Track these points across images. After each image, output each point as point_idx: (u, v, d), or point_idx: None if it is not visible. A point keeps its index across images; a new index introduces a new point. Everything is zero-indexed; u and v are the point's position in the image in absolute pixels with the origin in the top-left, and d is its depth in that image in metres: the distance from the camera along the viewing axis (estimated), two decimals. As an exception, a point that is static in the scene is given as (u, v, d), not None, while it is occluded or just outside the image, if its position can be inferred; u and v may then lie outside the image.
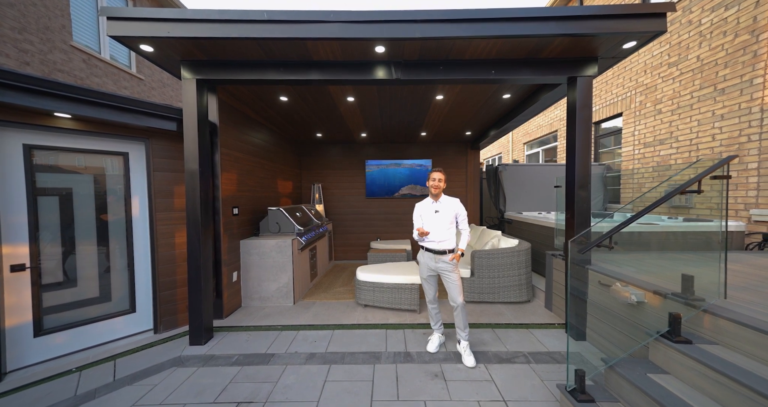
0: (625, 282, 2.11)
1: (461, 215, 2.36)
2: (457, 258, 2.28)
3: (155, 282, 2.73)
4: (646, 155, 4.86)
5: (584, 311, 2.50)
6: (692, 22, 4.12)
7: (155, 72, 6.31)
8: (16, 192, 2.12)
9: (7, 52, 3.77)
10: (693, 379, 1.46)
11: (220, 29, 2.16)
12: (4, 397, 1.87)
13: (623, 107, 5.31)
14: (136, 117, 2.44)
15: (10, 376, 2.06)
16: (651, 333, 1.70)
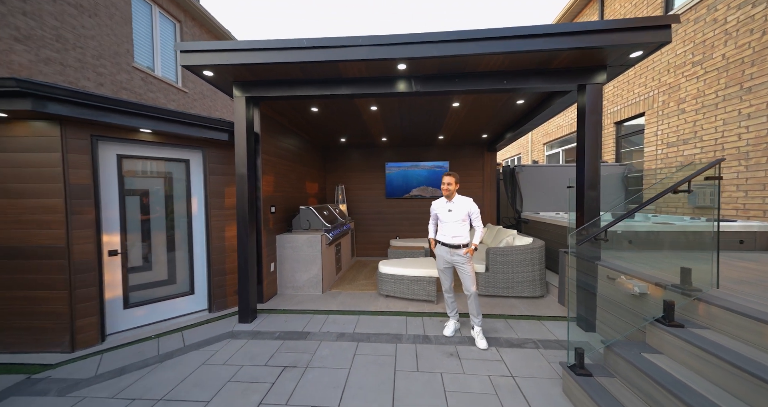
0: (630, 276, 2.28)
1: (474, 213, 2.59)
2: (471, 252, 2.54)
3: (209, 269, 3.22)
4: (669, 155, 4.80)
5: (593, 304, 2.66)
6: (717, 20, 4.08)
7: (197, 85, 7.04)
8: (111, 192, 2.66)
9: (88, 76, 4.50)
10: (683, 358, 1.64)
11: (267, 56, 2.58)
12: (110, 352, 2.39)
13: (645, 107, 5.25)
14: (198, 130, 2.94)
15: (110, 338, 2.59)
16: (647, 319, 1.88)
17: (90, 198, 2.49)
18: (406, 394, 1.91)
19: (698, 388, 1.44)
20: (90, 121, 2.41)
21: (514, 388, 1.96)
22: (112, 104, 2.40)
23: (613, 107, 6.11)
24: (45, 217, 2.36)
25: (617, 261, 2.64)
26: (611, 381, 1.76)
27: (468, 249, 2.54)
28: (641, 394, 1.60)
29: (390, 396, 1.89)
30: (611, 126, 6.18)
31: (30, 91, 2.06)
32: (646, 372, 1.59)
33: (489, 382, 2.02)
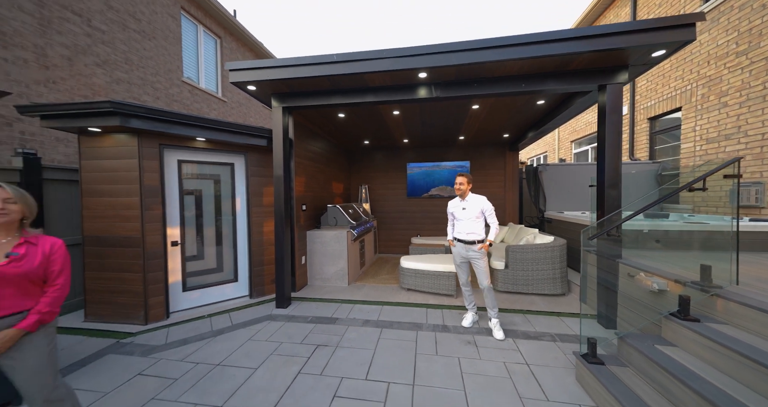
0: (650, 273, 2.30)
1: (487, 210, 2.73)
2: (485, 247, 2.67)
3: (250, 260, 3.63)
4: (708, 152, 4.53)
5: (614, 301, 2.68)
6: (766, 5, 3.82)
7: (234, 95, 7.71)
8: (173, 192, 3.14)
9: (147, 92, 5.19)
10: (698, 351, 1.69)
11: (301, 71, 2.91)
12: (174, 326, 2.86)
13: (682, 101, 4.98)
14: (242, 137, 3.35)
15: (173, 315, 3.07)
16: (662, 313, 1.93)
17: (158, 197, 2.98)
18: (426, 373, 2.12)
19: (711, 379, 1.50)
20: (159, 132, 2.88)
21: (528, 374, 2.09)
22: (176, 118, 2.85)
23: (646, 102, 5.83)
24: (126, 213, 2.86)
25: (640, 259, 2.64)
26: (623, 370, 1.84)
27: (482, 245, 2.67)
28: (653, 383, 1.68)
29: (411, 374, 2.11)
30: (644, 122, 5.89)
31: (119, 111, 2.55)
32: (657, 362, 1.66)
33: (504, 368, 2.17)
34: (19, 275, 1.26)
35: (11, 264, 1.25)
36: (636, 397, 1.62)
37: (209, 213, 3.45)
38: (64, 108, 2.55)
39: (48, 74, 3.80)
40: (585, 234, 2.49)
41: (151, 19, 5.32)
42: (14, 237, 1.32)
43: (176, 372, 2.18)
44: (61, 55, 3.95)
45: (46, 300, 1.31)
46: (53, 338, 1.38)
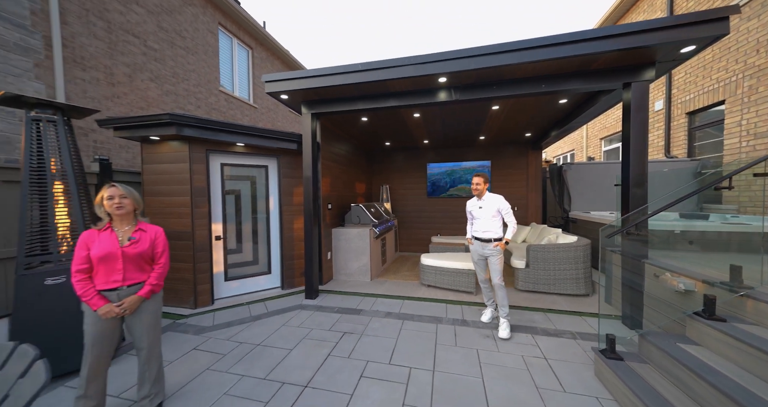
0: (678, 274, 2.27)
1: (504, 209, 2.77)
2: (501, 246, 2.71)
3: (282, 255, 3.96)
4: (756, 147, 4.21)
5: (640, 301, 2.64)
6: (823, -12, 3.51)
7: (264, 101, 8.23)
8: (216, 192, 3.53)
9: (191, 102, 5.75)
10: (723, 350, 1.68)
11: (329, 80, 3.15)
12: (218, 311, 3.23)
13: (726, 93, 4.65)
14: (275, 142, 3.67)
15: (217, 301, 3.46)
16: (686, 312, 1.92)
17: (205, 196, 3.37)
18: (445, 361, 2.26)
19: (736, 377, 1.51)
20: (206, 139, 3.26)
21: (546, 367, 2.16)
22: (221, 126, 3.22)
23: (684, 96, 5.48)
24: (179, 210, 3.27)
25: (669, 260, 2.58)
26: (643, 366, 1.87)
27: (498, 243, 2.72)
28: (672, 378, 1.71)
29: (431, 361, 2.27)
30: (682, 117, 5.55)
31: (175, 121, 2.94)
32: (676, 358, 1.69)
33: (522, 361, 2.25)
34: (136, 254, 1.65)
35: (131, 246, 1.64)
36: (653, 391, 1.65)
37: (246, 211, 3.81)
38: (133, 120, 2.99)
39: (114, 90, 4.39)
40: (603, 232, 2.50)
41: (194, 35, 5.89)
42: (131, 225, 1.71)
43: (224, 348, 2.50)
44: (124, 73, 4.53)
45: (154, 275, 1.71)
46: (160, 304, 1.78)
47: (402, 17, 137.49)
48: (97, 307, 1.54)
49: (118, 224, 1.67)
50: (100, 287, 1.58)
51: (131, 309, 1.61)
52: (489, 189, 2.93)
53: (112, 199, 1.61)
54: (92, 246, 1.57)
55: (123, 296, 1.61)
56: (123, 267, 1.62)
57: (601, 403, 1.79)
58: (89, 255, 1.56)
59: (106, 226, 1.64)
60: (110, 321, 1.59)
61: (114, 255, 1.59)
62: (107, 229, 1.64)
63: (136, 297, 1.63)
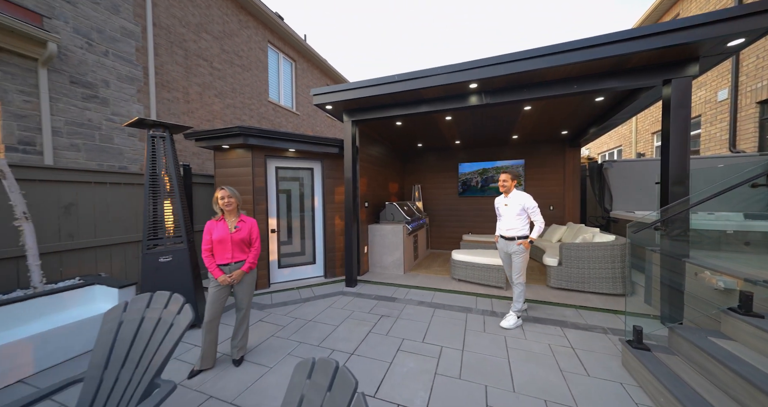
0: (720, 272, 2.24)
1: (530, 208, 2.79)
2: (525, 244, 2.76)
3: (325, 247, 4.45)
4: (842, 140, 3.71)
5: (679, 301, 2.60)
6: None
7: (305, 109, 8.97)
8: (272, 191, 4.11)
9: (246, 113, 6.58)
10: (758, 345, 1.71)
11: (368, 91, 3.53)
12: (275, 293, 3.80)
13: (805, 80, 4.13)
14: (321, 147, 4.16)
15: (272, 285, 4.05)
16: (720, 308, 1.93)
17: (263, 195, 3.96)
18: (474, 343, 2.50)
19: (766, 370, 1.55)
20: (265, 146, 3.85)
21: (572, 355, 2.29)
22: (278, 135, 3.78)
23: (754, 83, 4.94)
24: (243, 207, 3.89)
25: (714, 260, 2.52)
26: (670, 357, 1.93)
27: (522, 241, 2.76)
28: (699, 369, 1.77)
29: (461, 343, 2.52)
30: (752, 107, 5.00)
31: (242, 132, 3.54)
32: (706, 350, 1.75)
33: (548, 348, 2.40)
34: (240, 239, 2.21)
35: (236, 233, 2.20)
36: (678, 379, 1.74)
37: (295, 208, 4.37)
38: (211, 133, 3.66)
39: (189, 106, 5.26)
40: (630, 229, 2.52)
41: (248, 54, 6.71)
42: (236, 217, 2.27)
43: (283, 322, 3.00)
44: (196, 91, 5.40)
45: (252, 255, 2.27)
46: (254, 277, 2.33)
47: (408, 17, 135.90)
48: (217, 276, 2.13)
49: (228, 216, 2.24)
50: (218, 262, 2.17)
51: (237, 279, 2.19)
52: (523, 187, 3.05)
53: (223, 199, 2.18)
54: (212, 232, 2.17)
55: (232, 270, 2.20)
56: (231, 248, 2.19)
57: (625, 388, 1.90)
58: (211, 238, 2.15)
59: (220, 218, 2.23)
60: (224, 286, 2.17)
61: (225, 239, 2.16)
62: (221, 220, 2.22)
63: (241, 271, 2.19)
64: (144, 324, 1.50)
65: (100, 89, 4.05)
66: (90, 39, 3.96)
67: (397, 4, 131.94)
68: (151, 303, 1.57)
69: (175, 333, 1.43)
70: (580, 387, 1.92)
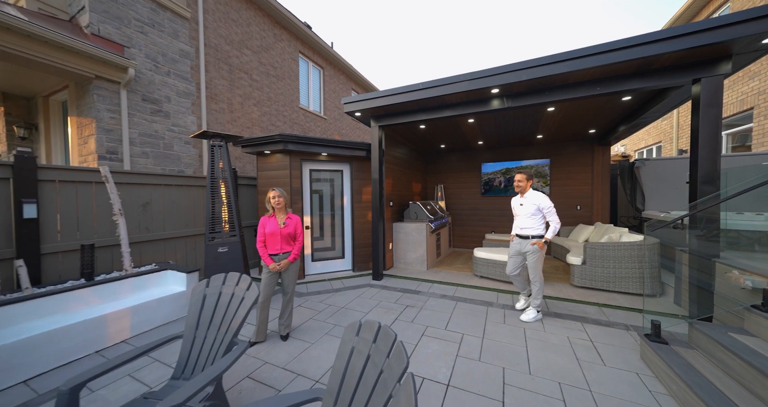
0: (750, 272, 2.24)
1: (545, 208, 2.85)
2: (539, 244, 2.83)
3: (353, 243, 4.80)
4: None
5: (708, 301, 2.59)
6: None
7: (331, 113, 9.45)
8: (306, 192, 4.53)
9: (280, 119, 7.15)
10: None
11: (395, 99, 3.80)
12: (310, 283, 4.21)
13: None
14: (350, 150, 4.52)
15: (307, 277, 4.48)
16: (743, 305, 1.97)
17: (299, 195, 4.39)
18: (493, 333, 2.69)
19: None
20: (301, 151, 4.27)
21: (590, 347, 2.41)
22: (313, 141, 4.18)
23: (813, 73, 4.53)
24: (282, 205, 4.35)
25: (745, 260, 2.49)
26: (688, 351, 2.01)
27: (536, 240, 2.85)
28: (718, 362, 1.84)
29: (481, 331, 2.72)
30: (810, 98, 4.59)
31: (282, 139, 3.99)
32: (723, 344, 1.82)
33: (567, 341, 2.53)
34: (287, 234, 2.61)
35: (284, 228, 2.60)
36: (692, 368, 1.83)
37: (327, 207, 4.76)
38: (256, 140, 4.15)
39: (232, 116, 5.88)
40: (648, 228, 2.55)
41: (282, 65, 7.28)
42: (284, 214, 2.67)
43: (318, 307, 3.38)
44: (238, 102, 6.02)
45: (296, 248, 2.65)
46: (298, 266, 2.70)
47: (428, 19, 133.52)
48: (268, 264, 2.54)
49: (278, 213, 2.65)
50: (269, 252, 2.59)
51: (284, 267, 2.59)
52: (548, 187, 3.16)
53: (274, 198, 2.59)
54: (266, 226, 2.57)
55: (280, 259, 2.60)
56: (280, 241, 2.59)
57: (640, 378, 2.01)
58: (264, 231, 2.55)
59: (271, 215, 2.64)
60: (274, 273, 2.58)
61: (275, 233, 2.56)
62: (272, 216, 2.63)
63: (287, 260, 2.58)
64: (222, 297, 1.90)
65: (163, 104, 4.72)
66: (156, 62, 4.63)
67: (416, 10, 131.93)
68: (226, 281, 1.97)
69: (246, 304, 1.81)
70: (595, 374, 2.06)
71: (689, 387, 1.66)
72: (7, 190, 2.58)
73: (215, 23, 5.59)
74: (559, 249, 5.25)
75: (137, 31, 4.40)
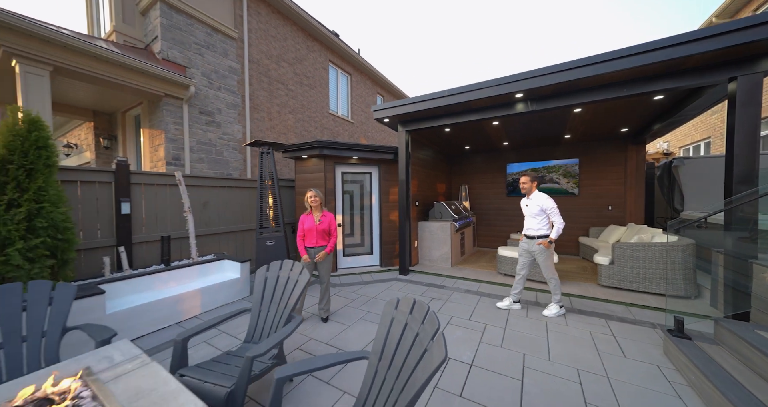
0: (784, 274, 2.22)
1: (548, 209, 2.97)
2: (545, 244, 2.96)
3: (381, 240, 5.13)
4: None
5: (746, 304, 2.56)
6: None
7: (358, 117, 9.89)
8: (339, 192, 4.94)
9: (312, 125, 7.69)
10: (806, 341, 1.78)
11: (422, 105, 4.06)
12: (342, 276, 4.61)
13: None
14: (378, 154, 4.85)
15: (339, 270, 4.88)
16: None
17: (333, 195, 4.80)
18: (515, 324, 2.86)
19: None
20: (334, 155, 4.68)
21: (612, 341, 2.51)
22: (345, 146, 4.58)
23: None
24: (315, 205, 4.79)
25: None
26: (712, 347, 2.06)
27: (541, 240, 2.98)
28: (741, 358, 1.90)
29: (504, 323, 2.90)
30: None
31: (318, 145, 4.42)
32: (747, 340, 1.88)
33: (588, 334, 2.64)
34: (322, 229, 2.97)
35: (320, 225, 2.96)
36: (716, 364, 1.90)
37: (357, 206, 5.14)
38: (296, 146, 4.63)
39: (271, 123, 6.48)
40: (670, 227, 2.56)
41: (314, 74, 7.82)
42: (320, 212, 3.02)
43: (351, 296, 3.74)
44: (276, 110, 6.61)
45: (331, 243, 2.99)
46: (332, 258, 3.08)
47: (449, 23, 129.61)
48: (302, 256, 2.92)
49: (314, 211, 3.01)
50: (306, 245, 2.95)
51: (320, 259, 2.93)
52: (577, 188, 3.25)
53: (311, 197, 2.96)
54: (304, 223, 2.94)
55: (316, 251, 2.95)
56: (316, 236, 2.95)
57: (661, 370, 2.10)
58: (303, 228, 2.93)
59: (309, 212, 3.01)
60: (309, 264, 2.94)
61: (312, 228, 2.93)
62: (310, 214, 2.99)
63: (323, 252, 2.93)
64: (279, 280, 2.30)
65: (215, 115, 5.38)
66: (210, 79, 5.30)
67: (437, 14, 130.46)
68: (282, 267, 2.37)
69: (300, 285, 2.18)
70: (615, 363, 2.18)
71: (706, 377, 1.76)
72: (110, 191, 3.23)
73: (257, 41, 6.21)
74: (588, 250, 5.18)
75: (196, 53, 5.08)
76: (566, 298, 3.46)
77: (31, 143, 2.25)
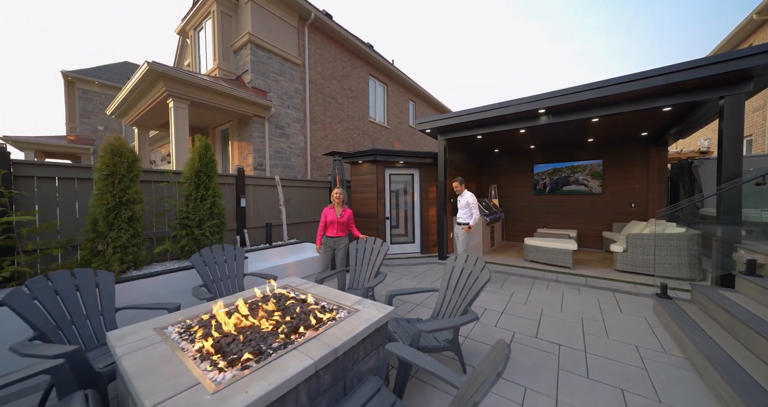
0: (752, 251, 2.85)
1: (471, 204, 4.17)
2: (466, 229, 4.10)
3: (422, 231, 6.10)
4: None
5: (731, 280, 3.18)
6: None
7: (393, 122, 10.89)
8: (387, 191, 5.98)
9: (355, 132, 8.83)
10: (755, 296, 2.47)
11: (459, 119, 4.95)
12: (392, 260, 5.66)
13: None
14: (419, 159, 5.82)
15: (387, 255, 5.95)
16: (735, 271, 2.66)
17: (383, 194, 5.85)
18: (537, 293, 3.69)
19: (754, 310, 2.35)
20: (384, 160, 5.72)
21: (614, 303, 3.27)
22: (393, 153, 5.60)
23: None
24: (370, 201, 5.87)
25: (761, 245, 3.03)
26: (687, 304, 2.78)
27: (464, 226, 4.12)
28: (705, 310, 2.62)
29: (527, 291, 3.74)
30: None
31: (373, 152, 5.48)
32: (709, 296, 2.59)
33: (596, 300, 3.41)
34: (342, 222, 3.78)
35: (341, 218, 3.83)
36: (683, 312, 2.64)
37: (401, 203, 6.15)
38: (355, 154, 5.74)
39: (324, 133, 7.70)
40: (657, 214, 3.23)
41: (357, 87, 8.94)
42: (341, 207, 3.95)
43: (403, 273, 4.76)
44: (328, 121, 7.81)
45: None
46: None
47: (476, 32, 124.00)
48: (318, 245, 3.73)
49: (337, 206, 3.81)
50: (328, 235, 3.70)
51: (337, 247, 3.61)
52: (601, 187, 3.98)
53: (336, 194, 3.73)
54: (327, 216, 3.75)
55: (336, 242, 3.44)
56: (336, 227, 3.67)
57: (647, 320, 2.85)
58: (326, 219, 3.75)
59: (332, 206, 3.82)
60: (326, 252, 3.48)
61: (334, 221, 3.69)
62: (332, 208, 3.82)
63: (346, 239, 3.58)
64: (463, 272, 3.29)
65: (285, 129, 6.67)
66: (282, 99, 6.59)
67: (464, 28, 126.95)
68: (467, 260, 3.42)
69: (480, 283, 2.45)
70: (612, 316, 2.96)
71: (674, 321, 2.52)
72: (232, 190, 4.52)
73: (315, 64, 7.43)
74: (610, 243, 5.74)
75: (273, 80, 6.38)
76: (582, 279, 4.18)
77: (208, 159, 3.51)
